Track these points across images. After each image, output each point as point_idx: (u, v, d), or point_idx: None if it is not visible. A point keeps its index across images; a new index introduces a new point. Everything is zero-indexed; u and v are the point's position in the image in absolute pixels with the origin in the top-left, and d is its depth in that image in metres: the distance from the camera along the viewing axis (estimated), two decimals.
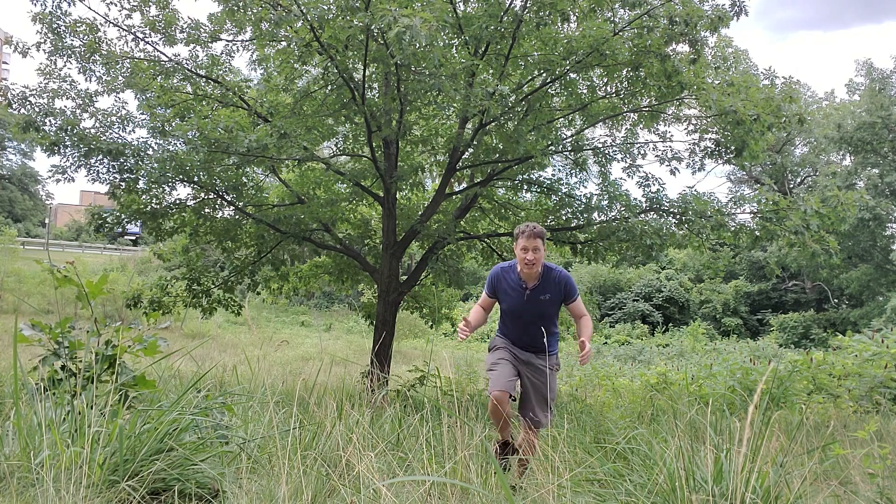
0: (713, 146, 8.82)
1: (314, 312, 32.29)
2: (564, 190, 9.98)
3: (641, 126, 9.47)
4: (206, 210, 9.67)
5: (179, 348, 3.67)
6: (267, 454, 2.77)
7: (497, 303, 4.20)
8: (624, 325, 33.55)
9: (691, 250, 8.97)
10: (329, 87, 8.80)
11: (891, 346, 7.15)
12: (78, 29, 8.27)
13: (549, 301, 4.06)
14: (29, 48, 8.31)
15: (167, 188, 9.12)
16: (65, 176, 8.40)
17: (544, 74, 8.37)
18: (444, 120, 10.14)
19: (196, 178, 8.79)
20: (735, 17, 7.23)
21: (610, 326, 34.16)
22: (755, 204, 8.90)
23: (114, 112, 8.65)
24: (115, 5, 8.29)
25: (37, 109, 8.06)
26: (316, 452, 2.65)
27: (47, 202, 52.41)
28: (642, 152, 9.45)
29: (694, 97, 8.24)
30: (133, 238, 39.49)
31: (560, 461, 2.95)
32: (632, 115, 9.22)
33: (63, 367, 3.00)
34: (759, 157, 8.67)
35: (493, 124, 8.30)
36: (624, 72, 8.11)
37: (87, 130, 8.27)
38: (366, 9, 6.71)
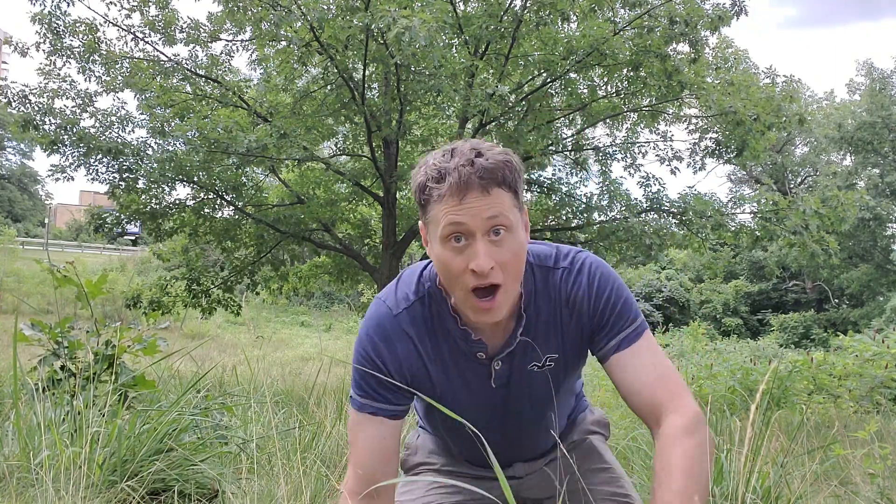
0: (714, 146, 8.85)
1: (314, 312, 32.27)
2: (564, 189, 9.98)
3: (642, 126, 9.48)
4: (206, 210, 9.66)
5: (179, 348, 3.66)
6: (266, 455, 2.77)
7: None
8: None
9: (691, 250, 8.98)
10: (329, 87, 8.80)
11: (891, 346, 7.14)
12: (77, 29, 8.25)
13: (556, 368, 1.47)
14: (28, 48, 8.30)
15: (167, 188, 9.12)
16: (64, 175, 8.39)
17: (544, 74, 8.37)
18: (444, 120, 10.13)
19: (196, 178, 8.79)
20: (735, 17, 7.24)
21: None
22: (755, 204, 8.91)
23: (113, 112, 8.64)
24: (115, 5, 8.28)
25: (36, 108, 8.05)
26: (315, 453, 2.65)
27: (47, 202, 52.28)
28: (643, 152, 9.48)
29: (694, 97, 8.25)
30: (132, 238, 39.43)
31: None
32: (632, 114, 9.23)
33: (62, 367, 3.00)
34: (760, 157, 8.68)
35: (492, 124, 8.30)
36: (624, 71, 8.12)
37: (87, 130, 8.26)
38: (366, 9, 6.72)
